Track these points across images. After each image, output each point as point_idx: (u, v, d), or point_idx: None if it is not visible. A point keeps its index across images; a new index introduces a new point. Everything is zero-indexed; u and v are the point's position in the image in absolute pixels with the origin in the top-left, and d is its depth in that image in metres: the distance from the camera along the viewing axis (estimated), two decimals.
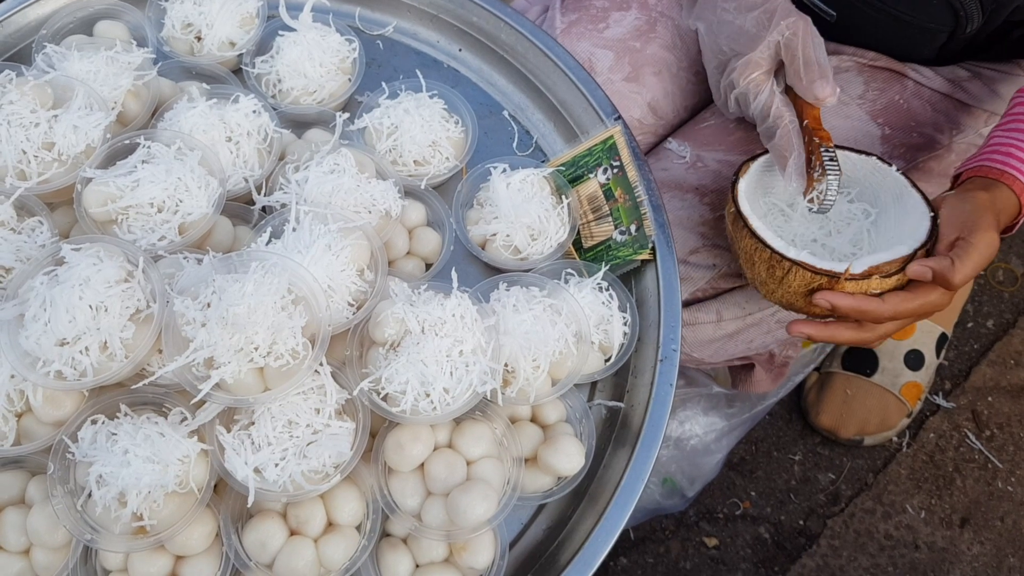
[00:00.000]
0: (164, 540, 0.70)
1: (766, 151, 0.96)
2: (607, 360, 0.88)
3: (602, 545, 0.78)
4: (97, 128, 0.83)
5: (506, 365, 0.80)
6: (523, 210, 0.90)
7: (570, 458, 0.80)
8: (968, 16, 0.99)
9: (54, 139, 0.82)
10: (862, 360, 1.54)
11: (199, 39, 0.97)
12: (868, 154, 0.95)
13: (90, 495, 0.70)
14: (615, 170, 0.93)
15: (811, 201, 0.90)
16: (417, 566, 0.78)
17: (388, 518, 0.77)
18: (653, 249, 0.90)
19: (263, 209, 0.88)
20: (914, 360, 1.52)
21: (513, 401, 0.80)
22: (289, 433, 0.73)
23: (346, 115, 0.94)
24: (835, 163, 0.89)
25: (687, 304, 1.09)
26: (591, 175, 0.95)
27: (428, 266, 0.92)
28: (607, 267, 0.89)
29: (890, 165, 0.94)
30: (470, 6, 1.04)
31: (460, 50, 1.07)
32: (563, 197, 0.93)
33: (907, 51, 1.12)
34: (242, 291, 0.71)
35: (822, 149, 0.89)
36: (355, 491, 0.76)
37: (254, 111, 0.89)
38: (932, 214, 0.89)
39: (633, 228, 0.91)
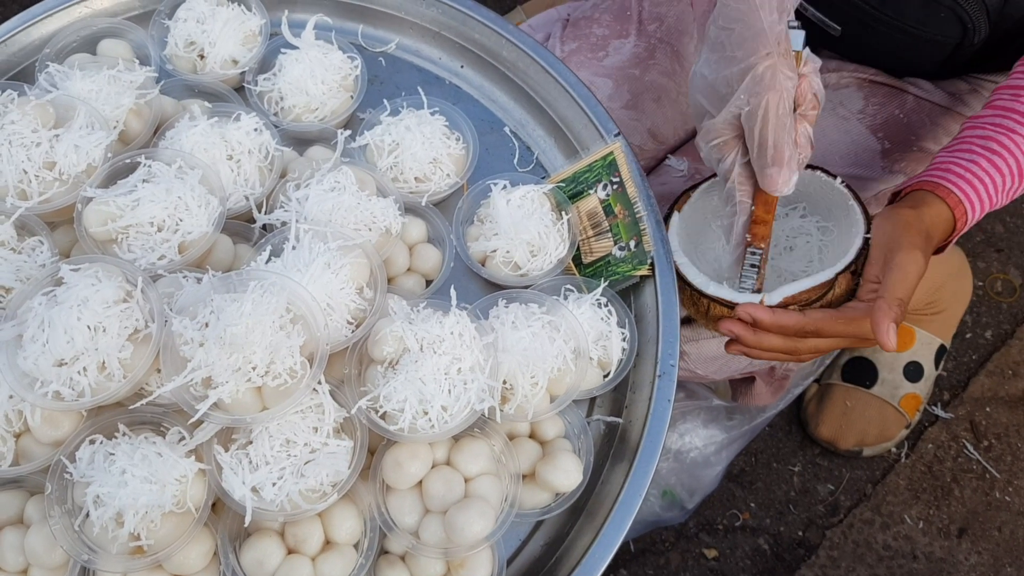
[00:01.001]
0: (161, 560, 0.70)
1: (708, 177, 0.96)
2: (606, 376, 0.88)
3: (599, 561, 0.78)
4: (98, 147, 0.83)
5: (504, 382, 0.80)
6: (523, 226, 0.90)
7: (568, 474, 0.80)
8: (976, 28, 0.99)
9: (55, 159, 0.82)
10: (861, 372, 1.54)
11: (202, 57, 0.98)
12: (813, 168, 0.94)
13: (88, 515, 0.70)
14: (615, 186, 0.94)
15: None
16: None
17: (386, 536, 0.77)
18: (652, 265, 0.91)
19: (264, 227, 0.88)
20: (913, 372, 1.53)
21: (511, 418, 0.81)
22: (287, 452, 0.73)
23: (348, 132, 0.94)
24: (754, 270, 0.87)
25: (691, 320, 1.09)
26: (591, 191, 0.95)
27: (428, 282, 0.92)
28: (606, 283, 0.90)
29: (834, 178, 0.92)
30: (472, 23, 1.04)
31: (462, 67, 1.07)
32: (563, 213, 0.94)
33: (910, 65, 1.12)
34: (240, 311, 0.71)
35: (749, 251, 0.87)
36: (353, 509, 0.77)
37: (255, 129, 0.89)
38: (866, 235, 0.87)
39: (632, 244, 0.92)
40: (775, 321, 0.84)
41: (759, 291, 0.88)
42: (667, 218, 0.94)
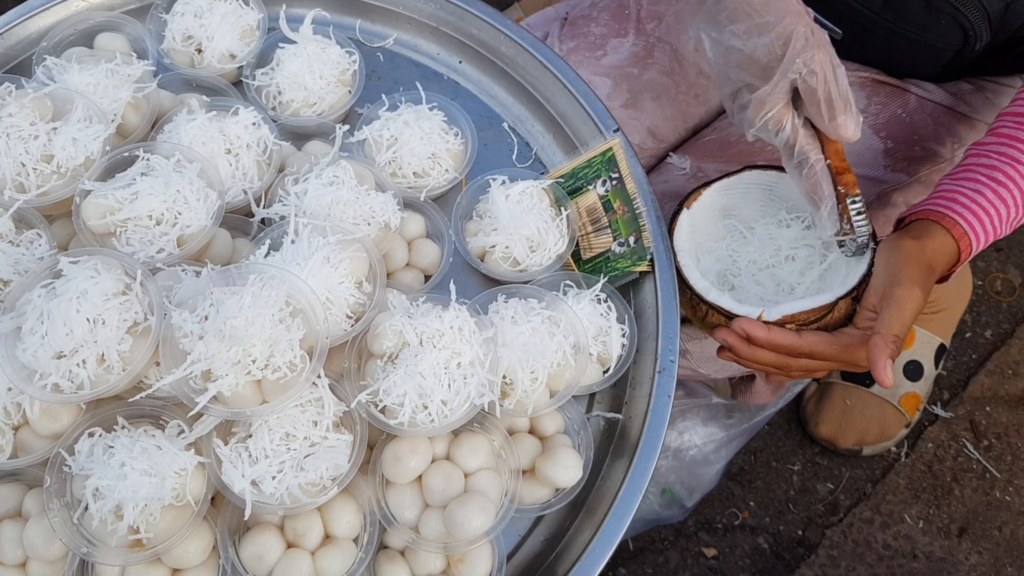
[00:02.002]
0: (160, 553, 0.70)
1: (721, 177, 0.96)
2: (605, 372, 0.88)
3: (600, 557, 0.77)
4: (96, 140, 0.83)
5: (504, 377, 0.80)
6: (522, 222, 0.90)
7: (568, 470, 0.80)
8: (976, 35, 0.99)
9: (53, 151, 0.82)
10: None
11: (199, 51, 0.97)
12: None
13: (86, 508, 0.69)
14: (614, 182, 0.94)
15: (842, 247, 0.88)
16: None
17: (385, 530, 0.77)
18: (652, 261, 0.91)
19: (262, 221, 0.88)
20: (913, 371, 1.53)
21: (511, 413, 0.80)
22: (286, 446, 0.73)
23: (346, 127, 0.94)
24: (862, 216, 0.86)
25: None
26: (590, 187, 0.95)
27: (427, 278, 0.92)
28: (606, 279, 0.89)
29: None
30: (471, 19, 1.04)
31: (460, 62, 1.07)
32: (562, 209, 0.93)
33: (912, 69, 1.12)
34: (240, 304, 0.71)
35: (849, 200, 0.85)
36: (352, 504, 0.76)
37: (254, 123, 0.89)
38: (872, 261, 0.87)
39: (632, 239, 0.91)
40: (770, 339, 0.85)
41: (874, 235, 0.87)
42: (676, 215, 0.93)
